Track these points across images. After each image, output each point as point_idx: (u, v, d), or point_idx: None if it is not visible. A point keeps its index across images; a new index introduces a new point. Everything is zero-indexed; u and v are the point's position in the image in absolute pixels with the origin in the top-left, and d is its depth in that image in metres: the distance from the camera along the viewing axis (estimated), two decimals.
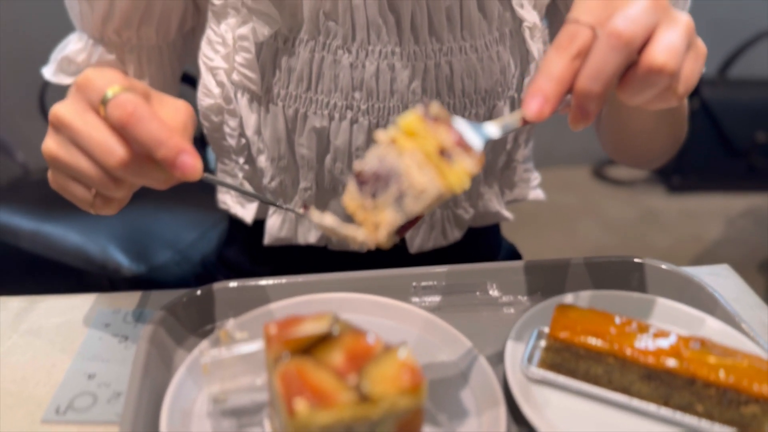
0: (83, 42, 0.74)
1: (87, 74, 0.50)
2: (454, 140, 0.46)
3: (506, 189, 0.83)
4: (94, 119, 0.49)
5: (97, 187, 0.51)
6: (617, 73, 0.45)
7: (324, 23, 0.66)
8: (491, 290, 0.69)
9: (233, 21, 0.68)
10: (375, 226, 0.48)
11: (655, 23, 0.46)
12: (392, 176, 0.47)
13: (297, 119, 0.70)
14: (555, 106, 0.46)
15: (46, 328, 0.64)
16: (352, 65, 0.67)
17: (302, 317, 0.47)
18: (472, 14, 0.68)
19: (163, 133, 0.47)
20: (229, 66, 0.70)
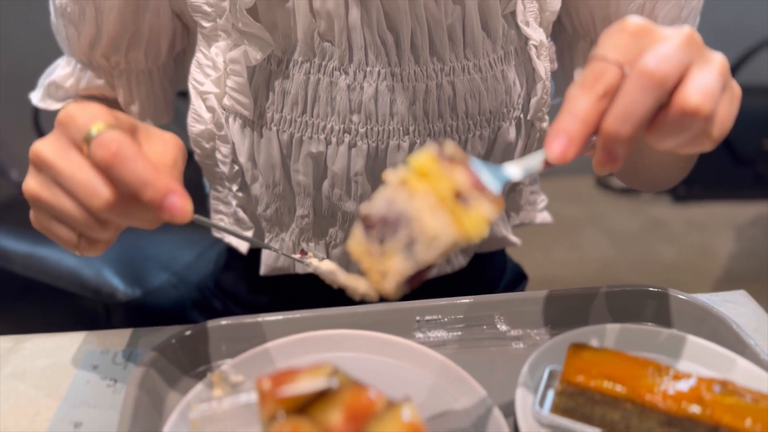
0: (71, 67, 0.71)
1: (69, 110, 0.47)
2: (470, 182, 0.42)
3: (512, 213, 0.80)
4: (77, 158, 0.46)
5: (82, 229, 0.48)
6: (648, 115, 0.42)
7: (319, 44, 0.63)
8: (499, 324, 0.65)
9: (224, 44, 0.66)
10: (382, 274, 0.44)
11: (688, 62, 0.42)
12: (402, 221, 0.43)
13: (292, 144, 0.67)
14: (580, 149, 0.43)
15: (31, 371, 0.61)
16: (349, 87, 0.64)
17: (298, 370, 0.44)
18: (475, 33, 0.65)
19: (150, 174, 0.45)
20: (220, 91, 0.67)
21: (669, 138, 0.43)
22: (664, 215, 2.34)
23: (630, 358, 0.53)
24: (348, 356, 0.59)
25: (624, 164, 0.74)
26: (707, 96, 0.42)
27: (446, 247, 0.42)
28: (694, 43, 0.43)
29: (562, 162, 0.43)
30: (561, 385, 0.52)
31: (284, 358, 0.58)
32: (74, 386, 0.59)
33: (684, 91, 0.42)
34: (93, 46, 0.68)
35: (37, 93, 0.74)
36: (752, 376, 0.56)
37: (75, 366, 0.61)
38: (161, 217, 0.46)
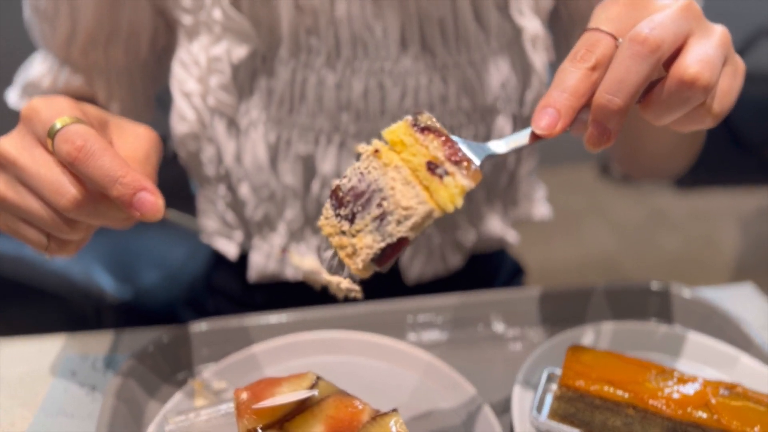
0: (47, 64, 0.68)
1: (33, 104, 0.45)
2: (446, 153, 0.40)
3: (510, 206, 0.77)
4: (42, 155, 0.44)
5: (50, 230, 0.46)
6: (641, 84, 0.40)
7: (305, 40, 0.60)
8: (495, 323, 0.63)
9: (206, 40, 0.62)
10: (352, 251, 0.41)
11: (686, 32, 0.40)
12: (374, 194, 0.41)
13: (279, 145, 0.64)
14: (568, 122, 0.41)
15: (8, 379, 0.58)
16: (337, 85, 0.61)
17: (278, 380, 0.41)
18: (467, 25, 0.61)
19: (118, 169, 0.42)
20: (204, 89, 0.64)
21: (667, 111, 0.41)
22: (667, 205, 2.31)
23: (632, 361, 0.51)
24: (336, 360, 0.57)
25: (626, 150, 0.72)
26: (706, 65, 0.40)
27: (419, 220, 0.39)
28: (691, 13, 0.41)
29: (549, 135, 0.41)
30: (560, 390, 0.50)
31: (270, 363, 0.56)
32: (51, 394, 0.56)
33: (681, 60, 0.40)
34: (69, 43, 0.65)
35: (13, 92, 0.72)
36: (761, 376, 0.54)
37: (53, 373, 0.59)
38: (131, 215, 0.44)
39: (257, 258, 0.71)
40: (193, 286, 0.91)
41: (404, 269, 0.72)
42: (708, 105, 0.41)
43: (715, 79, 0.40)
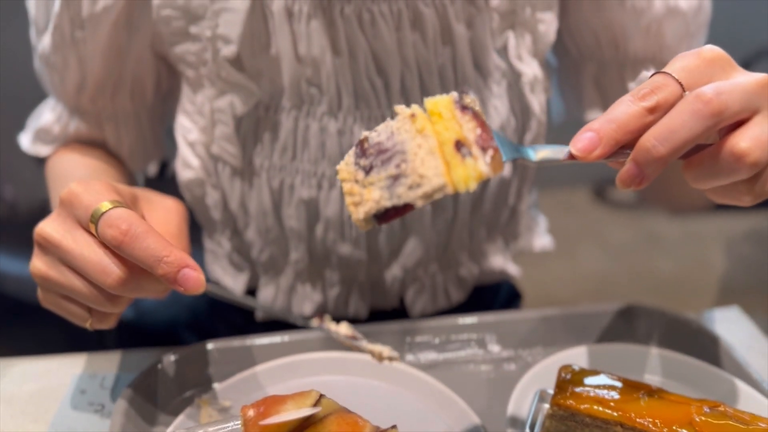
0: (58, 111, 0.71)
1: (73, 190, 0.47)
2: (477, 137, 0.41)
3: (511, 241, 0.78)
4: (84, 237, 0.47)
5: (93, 305, 0.48)
6: (690, 141, 0.39)
7: (307, 90, 0.62)
8: (490, 344, 0.65)
9: (210, 92, 0.64)
10: (359, 200, 0.42)
11: (754, 108, 0.40)
12: (397, 154, 0.41)
13: (283, 190, 0.66)
14: (606, 152, 0.41)
15: (18, 396, 0.60)
16: (339, 132, 0.63)
17: (283, 397, 0.43)
18: (466, 71, 0.63)
19: (162, 249, 0.45)
20: (208, 139, 0.66)
21: (707, 177, 0.41)
22: (660, 228, 2.34)
23: (621, 380, 0.53)
24: (336, 379, 0.59)
25: (659, 187, 0.71)
26: (759, 144, 0.39)
27: (429, 191, 0.40)
28: (766, 91, 0.40)
29: (583, 158, 0.41)
30: (551, 409, 0.52)
31: (273, 382, 0.58)
32: (61, 412, 0.58)
33: (737, 132, 0.39)
34: (79, 92, 0.68)
35: (26, 137, 0.74)
36: (745, 397, 0.56)
37: (63, 391, 0.61)
38: (175, 290, 0.46)
39: (265, 296, 0.73)
40: (195, 309, 0.93)
41: (409, 306, 0.74)
42: (751, 183, 0.41)
43: (765, 161, 0.40)
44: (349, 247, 0.68)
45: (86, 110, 0.70)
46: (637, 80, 0.66)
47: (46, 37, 0.65)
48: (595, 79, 0.70)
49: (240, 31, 0.60)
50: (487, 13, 0.62)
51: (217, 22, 0.60)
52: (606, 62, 0.68)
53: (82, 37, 0.63)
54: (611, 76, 0.69)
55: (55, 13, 0.63)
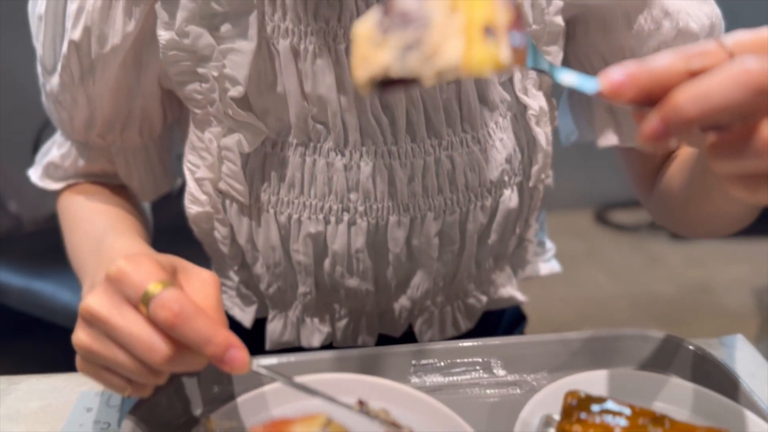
0: (67, 147, 0.71)
1: (122, 268, 0.48)
2: (508, 23, 0.38)
3: (519, 269, 0.79)
4: (132, 315, 0.47)
5: (135, 378, 0.49)
6: (723, 111, 0.36)
7: (313, 127, 0.63)
8: (495, 368, 0.65)
9: (217, 130, 0.65)
10: (365, 60, 0.40)
11: None
12: (419, 23, 0.39)
13: (290, 225, 0.66)
14: (634, 94, 0.38)
15: (24, 413, 0.61)
16: (346, 167, 0.64)
17: (291, 420, 0.44)
18: (472, 105, 0.64)
19: (211, 330, 0.45)
20: (215, 176, 0.66)
21: (731, 160, 0.38)
22: (662, 251, 2.35)
23: (627, 407, 0.53)
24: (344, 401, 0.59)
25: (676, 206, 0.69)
26: None
27: (441, 68, 0.38)
28: None
29: (609, 93, 0.38)
30: None
31: (280, 403, 0.58)
32: (67, 430, 0.58)
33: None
34: (88, 129, 0.69)
35: (35, 171, 0.75)
36: (750, 424, 0.56)
37: (68, 408, 0.61)
38: (221, 369, 0.47)
39: (273, 328, 0.73)
40: None
41: (418, 335, 0.75)
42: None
43: None
44: (357, 280, 0.68)
45: (95, 145, 0.70)
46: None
47: (54, 77, 0.66)
48: (607, 107, 0.70)
49: (247, 73, 0.61)
50: None
51: (224, 63, 0.61)
52: None
53: (90, 78, 0.64)
54: None
55: (63, 54, 0.64)
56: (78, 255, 0.68)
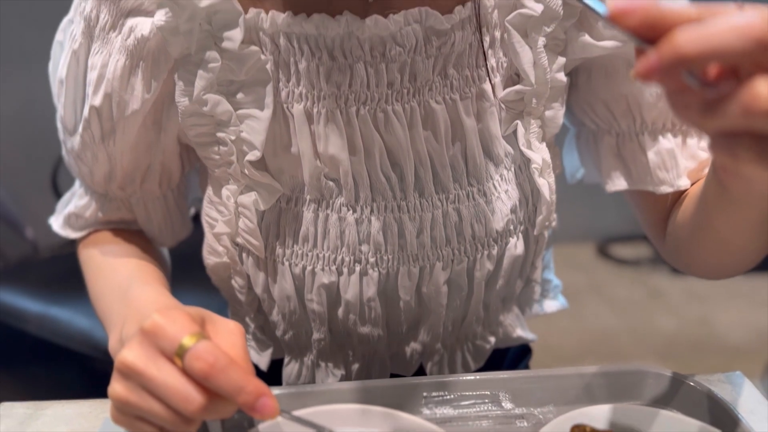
0: (87, 198, 0.74)
1: (156, 322, 0.50)
2: None
3: (526, 308, 0.81)
4: (168, 367, 0.49)
5: (169, 427, 0.51)
6: (718, 55, 0.35)
7: (326, 184, 0.66)
8: (504, 401, 0.67)
9: (234, 188, 0.67)
10: None
11: None
12: None
13: (305, 276, 0.69)
14: (639, 22, 0.37)
15: None
16: (357, 221, 0.66)
17: None
18: (477, 160, 0.66)
19: (243, 380, 0.48)
20: (233, 231, 0.69)
21: (715, 114, 0.37)
22: (664, 286, 2.37)
23: None
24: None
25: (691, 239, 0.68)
26: None
27: None
28: None
29: (615, 15, 0.38)
30: None
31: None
32: None
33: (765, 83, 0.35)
34: (108, 182, 0.71)
35: (56, 220, 0.77)
36: None
37: None
38: (250, 414, 0.49)
39: (289, 371, 0.76)
40: None
41: (429, 372, 0.77)
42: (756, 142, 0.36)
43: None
44: (369, 326, 0.71)
45: (115, 196, 0.73)
46: (656, 149, 0.69)
47: (76, 137, 0.69)
48: (615, 151, 0.72)
49: (263, 138, 0.64)
50: (495, 105, 0.66)
51: (241, 128, 0.64)
52: (623, 133, 0.71)
53: (111, 138, 0.67)
54: (631, 146, 0.71)
55: (84, 117, 0.67)
56: (103, 302, 0.70)
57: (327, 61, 0.62)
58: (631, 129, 0.70)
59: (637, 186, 0.72)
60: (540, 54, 0.65)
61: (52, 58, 0.72)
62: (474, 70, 0.65)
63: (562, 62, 0.67)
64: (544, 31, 0.64)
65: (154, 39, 0.62)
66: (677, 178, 0.69)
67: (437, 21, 0.61)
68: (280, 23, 0.61)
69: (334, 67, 0.62)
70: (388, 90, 0.63)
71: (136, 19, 0.62)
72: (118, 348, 0.58)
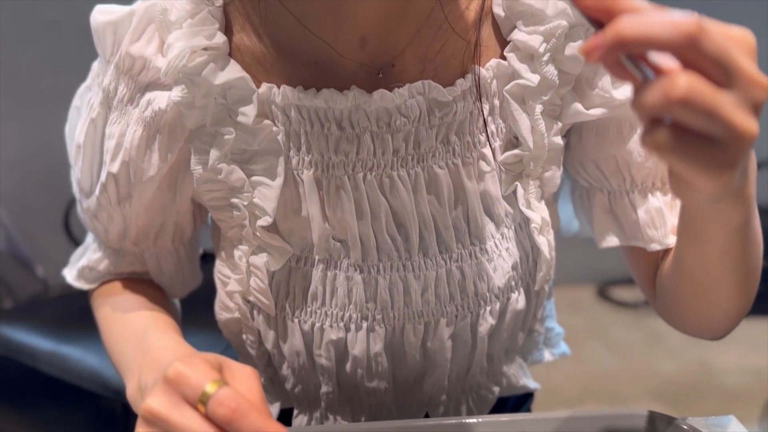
0: (101, 253, 0.77)
1: (179, 370, 0.52)
2: None
3: (529, 356, 0.83)
4: (191, 413, 0.51)
5: None
6: (652, 43, 0.39)
7: (334, 245, 0.68)
8: None
9: (246, 248, 0.70)
10: None
11: (729, 75, 0.39)
12: None
13: (314, 333, 0.71)
14: (592, 3, 0.41)
15: None
16: (364, 280, 0.69)
17: None
18: (479, 221, 0.69)
19: (264, 423, 0.50)
20: (244, 289, 0.71)
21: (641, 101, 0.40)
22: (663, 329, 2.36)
23: None
24: None
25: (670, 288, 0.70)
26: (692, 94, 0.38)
27: None
28: (753, 57, 0.40)
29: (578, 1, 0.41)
30: None
31: None
32: None
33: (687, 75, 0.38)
34: (122, 239, 0.74)
35: (70, 272, 0.80)
36: None
37: None
38: None
39: (298, 423, 0.78)
40: None
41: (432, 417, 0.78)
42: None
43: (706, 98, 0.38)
44: (376, 380, 0.73)
45: (129, 251, 0.76)
46: (645, 207, 0.72)
47: (92, 199, 0.71)
48: (606, 207, 0.74)
49: (275, 205, 0.66)
50: (496, 168, 0.69)
51: (254, 194, 0.67)
52: (614, 191, 0.73)
53: (127, 202, 0.70)
54: (622, 204, 0.72)
55: (101, 182, 0.69)
56: (118, 351, 0.72)
57: (335, 132, 0.65)
58: (622, 187, 0.72)
59: (629, 242, 0.73)
60: (537, 120, 0.67)
61: (69, 120, 0.75)
62: (475, 136, 0.67)
63: (558, 127, 0.69)
64: (541, 99, 0.66)
65: (171, 112, 0.65)
66: (665, 236, 0.70)
67: (440, 93, 0.65)
68: (291, 97, 0.64)
69: (342, 137, 0.65)
70: (393, 157, 0.66)
71: (153, 93, 0.65)
72: (137, 395, 0.61)
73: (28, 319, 1.31)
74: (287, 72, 0.66)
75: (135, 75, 0.66)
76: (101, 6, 0.68)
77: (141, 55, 0.65)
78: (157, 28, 0.65)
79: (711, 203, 0.49)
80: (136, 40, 0.65)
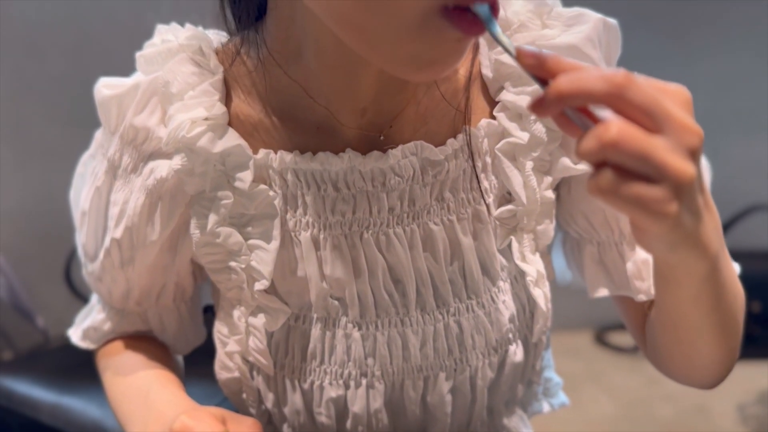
0: (105, 314, 0.79)
1: (185, 423, 0.55)
2: None
3: (529, 407, 0.83)
4: None
5: None
6: (587, 96, 0.44)
7: (332, 304, 0.70)
8: None
9: (244, 309, 0.71)
10: None
11: (659, 121, 0.43)
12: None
13: (313, 391, 0.72)
14: (534, 63, 0.46)
15: None
16: (363, 337, 0.70)
17: None
18: (475, 275, 0.70)
19: None
20: (243, 349, 0.72)
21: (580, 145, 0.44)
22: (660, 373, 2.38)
23: None
24: None
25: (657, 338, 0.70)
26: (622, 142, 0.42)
27: None
28: (687, 108, 0.45)
29: (521, 57, 0.46)
30: None
31: None
32: None
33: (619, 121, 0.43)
34: (125, 299, 0.76)
35: (76, 332, 0.82)
36: None
37: None
38: None
39: None
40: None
41: None
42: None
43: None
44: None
45: (132, 311, 0.78)
46: (633, 259, 0.73)
47: (96, 263, 0.74)
48: (597, 259, 0.75)
49: (271, 269, 0.68)
50: (490, 222, 0.70)
51: (251, 257, 0.69)
52: (604, 242, 0.74)
53: (130, 265, 0.72)
54: (611, 255, 0.74)
55: (105, 246, 0.72)
56: (123, 406, 0.74)
57: (332, 193, 0.67)
58: (610, 239, 0.73)
59: (619, 292, 0.75)
60: (529, 176, 0.69)
61: (74, 187, 0.77)
62: (468, 192, 0.69)
63: (549, 181, 0.71)
64: (531, 156, 0.69)
65: (172, 180, 0.67)
66: (651, 287, 0.71)
67: (432, 153, 0.67)
68: (288, 161, 0.67)
69: (338, 197, 0.67)
70: (389, 215, 0.67)
71: (156, 162, 0.68)
72: None
73: (29, 371, 1.31)
74: (287, 136, 0.68)
75: (138, 145, 0.69)
76: (105, 79, 0.71)
77: (144, 126, 0.68)
78: (160, 100, 0.68)
79: (668, 250, 0.50)
80: (139, 112, 0.68)
